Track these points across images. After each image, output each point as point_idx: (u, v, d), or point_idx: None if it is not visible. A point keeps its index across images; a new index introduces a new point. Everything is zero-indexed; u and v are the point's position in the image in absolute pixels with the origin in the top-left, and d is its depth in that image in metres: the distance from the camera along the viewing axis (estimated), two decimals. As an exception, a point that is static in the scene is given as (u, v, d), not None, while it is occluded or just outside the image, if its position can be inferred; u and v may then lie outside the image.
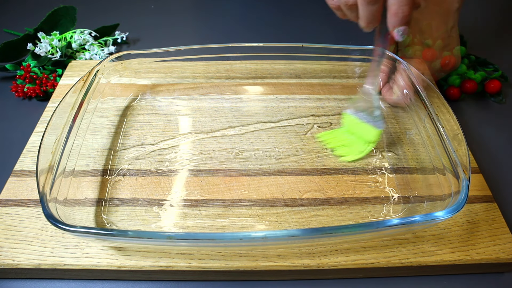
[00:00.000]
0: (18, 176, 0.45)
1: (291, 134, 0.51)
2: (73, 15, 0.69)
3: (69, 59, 0.64)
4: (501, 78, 0.62)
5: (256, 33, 0.75)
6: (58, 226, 0.33)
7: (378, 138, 0.48)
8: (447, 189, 0.40)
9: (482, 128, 0.56)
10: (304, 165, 0.47)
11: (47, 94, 0.60)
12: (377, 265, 0.38)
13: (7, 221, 0.41)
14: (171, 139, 0.50)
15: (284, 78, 0.59)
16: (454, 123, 0.43)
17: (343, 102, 0.55)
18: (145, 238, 0.34)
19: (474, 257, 0.39)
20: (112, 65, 0.52)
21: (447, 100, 0.47)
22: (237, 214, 0.42)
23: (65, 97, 0.45)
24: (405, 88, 0.51)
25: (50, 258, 0.38)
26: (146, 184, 0.45)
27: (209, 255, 0.38)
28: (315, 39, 0.73)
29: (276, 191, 0.44)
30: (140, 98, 0.55)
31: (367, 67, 0.57)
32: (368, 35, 0.76)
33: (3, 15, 0.79)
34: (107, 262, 0.38)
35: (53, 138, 0.41)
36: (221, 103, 0.55)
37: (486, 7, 0.83)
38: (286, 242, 0.36)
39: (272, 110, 0.54)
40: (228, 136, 0.50)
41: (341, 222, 0.42)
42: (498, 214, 0.42)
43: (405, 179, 0.46)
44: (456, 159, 0.39)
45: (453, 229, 0.41)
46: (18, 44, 0.64)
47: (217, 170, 0.46)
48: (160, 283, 0.40)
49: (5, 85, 0.61)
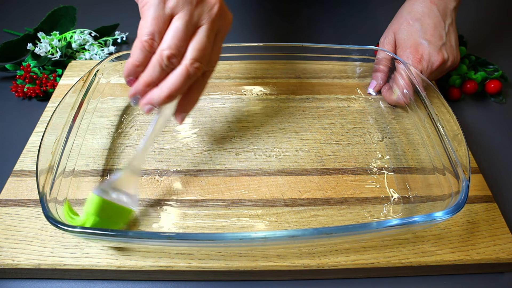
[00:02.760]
0: (18, 176, 0.45)
1: (291, 134, 0.51)
2: (73, 15, 0.69)
3: (69, 59, 0.64)
4: (501, 78, 0.62)
5: (256, 33, 0.75)
6: (58, 226, 0.33)
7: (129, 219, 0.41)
8: (447, 189, 0.40)
9: (482, 128, 0.56)
10: (304, 165, 0.47)
11: (47, 94, 0.60)
12: (377, 265, 0.38)
13: (7, 221, 0.41)
14: (171, 139, 0.50)
15: (284, 78, 0.59)
16: (454, 123, 0.43)
17: (343, 102, 0.55)
18: (145, 238, 0.34)
19: (474, 257, 0.39)
20: (112, 65, 0.52)
21: (447, 100, 0.47)
22: (237, 214, 0.42)
23: (65, 97, 0.45)
24: (405, 88, 0.51)
25: (50, 258, 0.38)
26: (146, 184, 0.45)
27: (209, 255, 0.38)
28: (315, 39, 0.73)
29: (276, 191, 0.44)
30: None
31: (367, 67, 0.57)
32: (368, 35, 0.76)
33: (3, 15, 0.79)
34: (107, 262, 0.38)
35: (53, 138, 0.41)
36: (221, 103, 0.55)
37: (486, 7, 0.83)
38: (286, 242, 0.36)
39: (272, 110, 0.54)
40: (228, 136, 0.50)
41: (341, 222, 0.42)
42: (498, 214, 0.42)
43: (405, 179, 0.46)
44: (456, 159, 0.39)
45: (453, 229, 0.41)
46: (18, 44, 0.64)
47: (217, 170, 0.46)
48: (160, 283, 0.40)
49: (5, 85, 0.61)
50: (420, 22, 0.53)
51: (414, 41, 0.52)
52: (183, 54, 0.35)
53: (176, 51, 0.34)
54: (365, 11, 0.82)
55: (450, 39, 0.53)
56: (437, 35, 0.52)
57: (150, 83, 0.35)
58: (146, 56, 0.35)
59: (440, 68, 0.52)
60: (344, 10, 0.81)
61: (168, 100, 0.35)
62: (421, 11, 0.53)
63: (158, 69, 0.35)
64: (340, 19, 0.79)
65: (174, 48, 0.34)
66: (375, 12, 0.82)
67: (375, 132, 0.51)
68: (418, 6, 0.54)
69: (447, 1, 0.54)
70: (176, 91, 0.35)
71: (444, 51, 0.52)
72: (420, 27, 0.53)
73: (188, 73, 0.35)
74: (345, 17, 0.79)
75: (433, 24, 0.52)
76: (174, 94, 0.35)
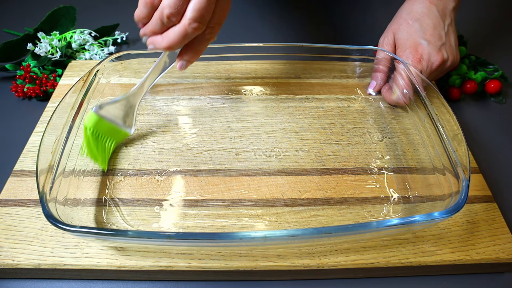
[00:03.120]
0: (18, 176, 0.45)
1: (291, 134, 0.51)
2: (73, 15, 0.69)
3: (69, 59, 0.64)
4: (501, 78, 0.62)
5: (256, 33, 0.75)
6: (58, 226, 0.33)
7: (124, 139, 0.48)
8: (447, 189, 0.40)
9: (482, 128, 0.56)
10: (304, 165, 0.47)
11: (47, 94, 0.60)
12: (377, 265, 0.38)
13: (7, 221, 0.41)
14: (171, 139, 0.50)
15: (284, 78, 0.59)
16: (454, 123, 0.43)
17: (343, 102, 0.55)
18: (145, 238, 0.34)
19: (474, 257, 0.39)
20: (112, 65, 0.52)
21: (447, 100, 0.47)
22: (237, 214, 0.42)
23: (65, 97, 0.45)
24: (405, 88, 0.51)
25: (50, 258, 0.38)
26: (146, 184, 0.45)
27: (209, 255, 0.38)
28: (315, 39, 0.73)
29: (276, 191, 0.44)
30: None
31: (367, 67, 0.57)
32: (368, 35, 0.76)
33: (3, 15, 0.79)
34: (107, 262, 0.38)
35: (53, 138, 0.41)
36: (221, 103, 0.55)
37: (486, 7, 0.83)
38: (286, 242, 0.36)
39: (272, 110, 0.54)
40: (228, 136, 0.50)
41: (341, 222, 0.42)
42: (498, 214, 0.42)
43: (405, 179, 0.46)
44: (456, 159, 0.39)
45: (453, 229, 0.41)
46: (18, 44, 0.64)
47: (217, 170, 0.46)
48: (160, 283, 0.40)
49: (5, 85, 0.61)
50: (420, 22, 0.53)
51: (414, 41, 0.52)
52: (183, 13, 0.36)
53: (174, 10, 0.36)
54: (365, 11, 0.82)
55: (449, 39, 0.53)
56: (437, 35, 0.52)
57: (154, 32, 0.39)
58: (149, 11, 0.38)
59: (440, 68, 0.52)
60: (344, 10, 0.81)
61: (168, 49, 0.39)
62: (421, 11, 0.53)
63: (160, 23, 0.37)
64: (340, 19, 0.79)
65: (173, 7, 0.36)
66: (375, 12, 0.82)
67: (375, 132, 0.51)
68: (417, 6, 0.54)
69: (446, 1, 0.54)
70: (175, 44, 0.38)
71: (444, 51, 0.52)
72: (420, 27, 0.53)
73: (186, 32, 0.37)
74: (345, 17, 0.79)
75: (433, 24, 0.52)
76: (172, 47, 0.38)
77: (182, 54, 0.42)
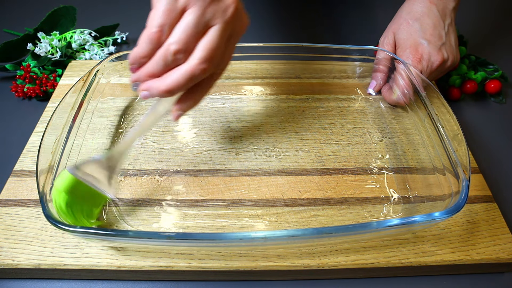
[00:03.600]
0: (18, 176, 0.45)
1: (291, 134, 0.51)
2: (73, 15, 0.69)
3: (69, 59, 0.64)
4: (501, 78, 0.62)
5: (256, 33, 0.75)
6: (58, 226, 0.33)
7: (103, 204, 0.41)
8: (447, 189, 0.40)
9: (482, 128, 0.56)
10: (304, 165, 0.47)
11: (47, 94, 0.60)
12: (377, 265, 0.38)
13: (7, 221, 0.41)
14: (171, 139, 0.50)
15: (284, 78, 0.59)
16: (454, 123, 0.43)
17: (343, 102, 0.55)
18: (145, 238, 0.34)
19: (474, 257, 0.39)
20: (112, 65, 0.52)
21: (447, 100, 0.47)
22: (237, 214, 0.42)
23: (65, 97, 0.45)
24: (405, 88, 0.51)
25: (50, 258, 0.38)
26: (146, 184, 0.45)
27: (209, 255, 0.38)
28: (315, 39, 0.73)
29: (276, 191, 0.44)
30: (140, 98, 0.55)
31: (367, 67, 0.57)
32: (368, 35, 0.76)
33: (3, 15, 0.79)
34: (107, 262, 0.38)
35: (53, 138, 0.41)
36: (221, 103, 0.55)
37: (486, 7, 0.83)
38: (286, 242, 0.36)
39: (272, 110, 0.54)
40: (228, 136, 0.50)
41: (341, 222, 0.42)
42: (498, 214, 0.42)
43: (405, 179, 0.46)
44: (456, 159, 0.39)
45: (453, 229, 0.41)
46: (18, 44, 0.64)
47: (217, 170, 0.46)
48: (160, 283, 0.40)
49: (5, 85, 0.61)
50: (420, 22, 0.53)
51: (414, 41, 0.52)
52: (191, 52, 0.33)
53: (183, 47, 0.33)
54: (365, 11, 0.82)
55: (449, 39, 0.53)
56: (437, 35, 0.52)
57: (151, 75, 0.34)
58: (153, 48, 0.34)
59: (440, 68, 0.52)
60: (344, 10, 0.81)
61: (167, 95, 0.34)
62: (421, 11, 0.53)
63: (162, 63, 0.33)
64: (340, 19, 0.79)
65: (182, 43, 0.33)
66: (375, 12, 0.82)
67: (375, 132, 0.51)
68: (417, 6, 0.54)
69: (446, 1, 0.54)
70: (177, 88, 0.34)
71: (444, 50, 0.52)
72: (420, 27, 0.53)
73: (193, 72, 0.33)
74: (345, 17, 0.79)
75: (433, 24, 0.52)
76: (173, 91, 0.34)
77: (181, 101, 0.37)
